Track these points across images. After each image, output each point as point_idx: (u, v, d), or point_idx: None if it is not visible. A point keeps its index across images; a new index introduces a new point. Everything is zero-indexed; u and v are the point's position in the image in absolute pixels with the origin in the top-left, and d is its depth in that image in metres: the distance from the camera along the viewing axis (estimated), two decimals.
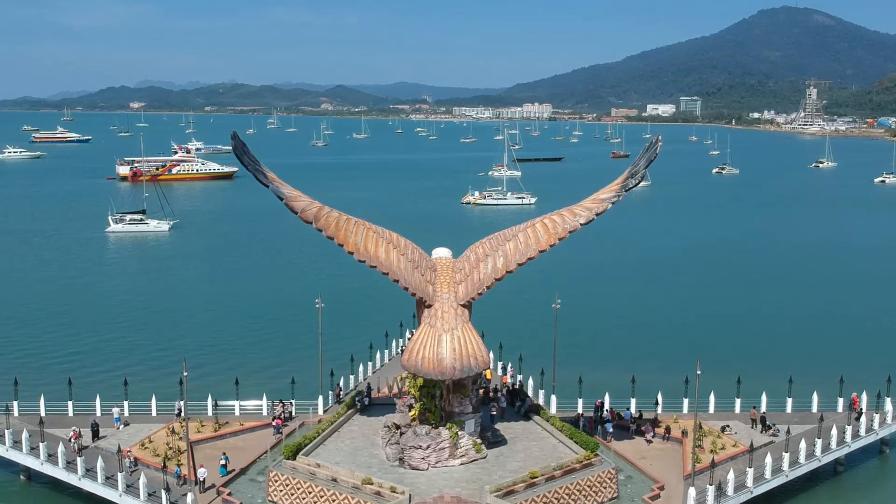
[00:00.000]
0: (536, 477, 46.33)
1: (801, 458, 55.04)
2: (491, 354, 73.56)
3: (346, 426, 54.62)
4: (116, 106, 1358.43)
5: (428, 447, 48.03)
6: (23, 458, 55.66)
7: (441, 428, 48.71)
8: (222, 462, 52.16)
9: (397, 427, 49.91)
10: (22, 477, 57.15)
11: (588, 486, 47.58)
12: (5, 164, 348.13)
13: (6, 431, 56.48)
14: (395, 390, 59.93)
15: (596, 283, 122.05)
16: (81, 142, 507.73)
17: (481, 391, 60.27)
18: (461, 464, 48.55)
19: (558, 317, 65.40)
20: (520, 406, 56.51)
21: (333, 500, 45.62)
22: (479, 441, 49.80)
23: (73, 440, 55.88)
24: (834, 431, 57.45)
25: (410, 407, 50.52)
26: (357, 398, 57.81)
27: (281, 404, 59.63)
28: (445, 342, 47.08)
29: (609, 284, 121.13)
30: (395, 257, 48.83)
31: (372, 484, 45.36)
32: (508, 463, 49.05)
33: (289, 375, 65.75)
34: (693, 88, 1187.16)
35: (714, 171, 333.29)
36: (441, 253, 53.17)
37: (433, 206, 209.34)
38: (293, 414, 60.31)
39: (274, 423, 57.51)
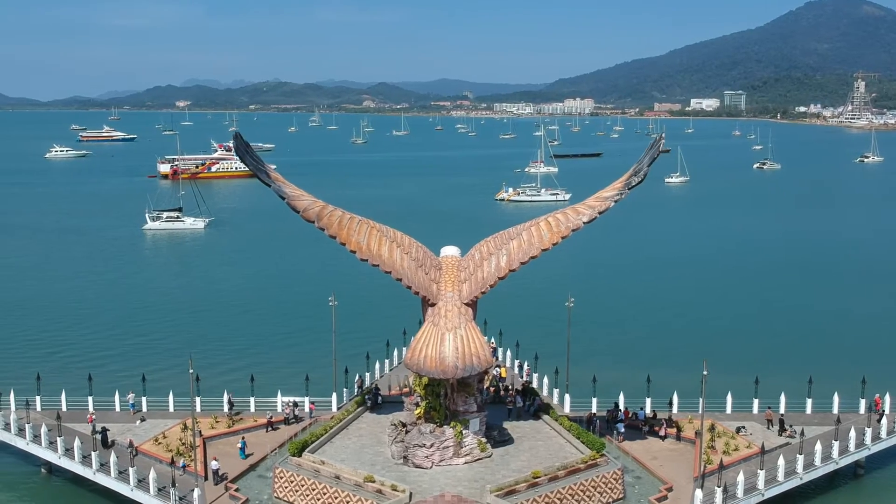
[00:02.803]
0: (539, 477, 46.09)
1: (817, 461, 53.92)
2: (508, 353, 73.97)
3: (356, 424, 54.87)
4: (163, 105, 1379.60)
5: (432, 446, 48.07)
6: (42, 452, 56.87)
7: (445, 427, 48.69)
8: (239, 446, 53.92)
9: (403, 425, 50.02)
10: (43, 470, 58.36)
11: (592, 487, 47.21)
12: (52, 163, 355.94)
13: (27, 426, 57.79)
14: (407, 388, 60.27)
15: (619, 280, 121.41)
16: (127, 140, 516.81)
17: (492, 389, 60.39)
18: (465, 463, 48.48)
19: (577, 315, 65.03)
20: (529, 405, 56.24)
21: (336, 498, 45.88)
22: (484, 440, 49.67)
23: (90, 422, 57.96)
24: (852, 434, 56.20)
25: (417, 405, 50.67)
26: (368, 396, 58.06)
27: (293, 406, 59.97)
28: (448, 341, 47.03)
29: (632, 282, 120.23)
30: (399, 256, 48.93)
31: (374, 482, 45.54)
32: (513, 462, 48.85)
33: (305, 372, 66.21)
34: (738, 82, 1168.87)
35: (755, 166, 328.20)
36: (449, 251, 53.09)
37: (466, 203, 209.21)
38: (302, 413, 60.50)
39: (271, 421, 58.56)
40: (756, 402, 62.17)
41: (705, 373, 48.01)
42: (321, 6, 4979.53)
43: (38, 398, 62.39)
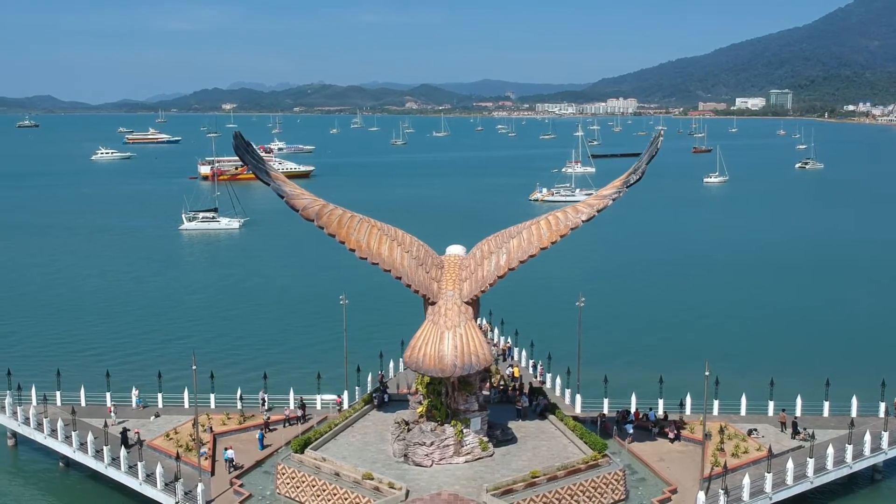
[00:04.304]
0: (538, 476, 45.85)
1: (829, 465, 52.86)
2: (524, 353, 73.73)
3: (361, 421, 55.10)
4: (209, 108, 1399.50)
5: (432, 444, 48.07)
6: (58, 446, 58.14)
7: (446, 425, 48.70)
8: (257, 437, 55.60)
9: (406, 423, 50.13)
10: (61, 464, 59.48)
11: (593, 488, 46.84)
12: (97, 165, 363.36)
13: (44, 420, 59.16)
14: (414, 388, 60.42)
15: (643, 279, 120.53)
16: (171, 142, 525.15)
17: (501, 388, 60.29)
18: (466, 461, 48.41)
19: (598, 316, 64.52)
20: (535, 405, 55.98)
21: (335, 494, 46.19)
22: (485, 439, 49.55)
23: (110, 412, 60.28)
24: (868, 437, 54.98)
25: (420, 403, 50.77)
26: (375, 394, 58.37)
27: (301, 406, 60.57)
28: (447, 340, 46.98)
29: (655, 281, 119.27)
30: (399, 254, 49.00)
31: (372, 479, 45.74)
32: (514, 462, 48.62)
33: (324, 372, 66.85)
34: (785, 81, 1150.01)
35: (797, 165, 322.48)
36: (454, 250, 53.04)
37: (499, 204, 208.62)
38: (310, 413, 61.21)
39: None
40: (771, 404, 61.21)
41: (707, 373, 47.45)
42: (364, 9, 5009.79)
43: (57, 393, 63.78)
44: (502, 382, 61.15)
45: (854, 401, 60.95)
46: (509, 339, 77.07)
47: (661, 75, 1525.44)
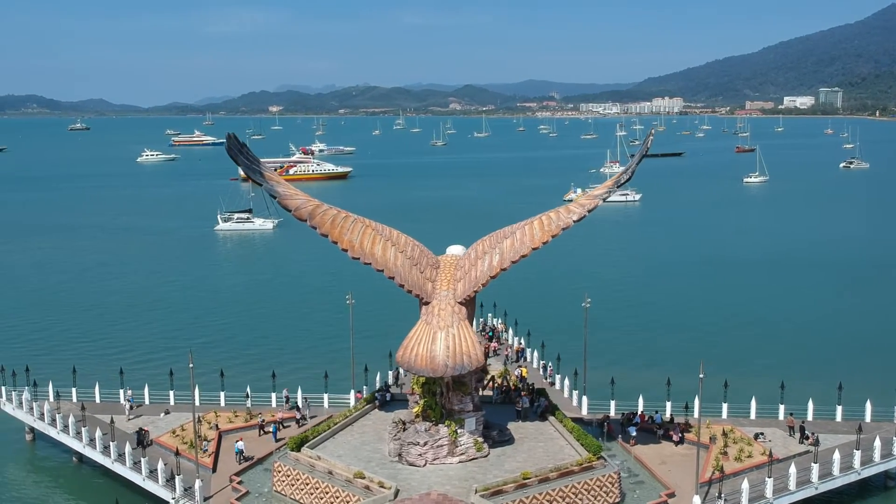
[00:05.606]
0: (529, 478, 45.61)
1: (836, 470, 51.75)
2: (535, 354, 73.37)
3: (361, 421, 55.38)
4: (257, 110, 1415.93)
5: (426, 444, 48.13)
6: (70, 442, 59.48)
7: (440, 425, 48.72)
8: (270, 430, 56.91)
9: (403, 423, 50.28)
10: (74, 459, 60.88)
11: (586, 490, 46.45)
12: (142, 167, 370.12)
13: (57, 416, 60.55)
14: (410, 388, 60.57)
15: (661, 281, 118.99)
16: (216, 144, 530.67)
17: (504, 387, 60.14)
18: (459, 462, 48.36)
19: (613, 316, 63.82)
20: (536, 406, 55.69)
21: (327, 493, 46.52)
22: (480, 440, 49.43)
23: (128, 406, 62.06)
24: (878, 443, 53.65)
25: (417, 403, 50.88)
26: (378, 394, 58.63)
27: (297, 408, 61.16)
28: (440, 340, 46.99)
29: (672, 283, 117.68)
30: (393, 254, 49.11)
31: (363, 478, 45.97)
32: (508, 463, 48.43)
33: (332, 369, 67.42)
34: (835, 79, 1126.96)
35: (841, 165, 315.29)
36: (454, 250, 53.09)
37: (533, 204, 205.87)
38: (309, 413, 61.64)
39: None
40: (782, 407, 60.12)
41: (702, 375, 46.71)
42: (409, 10, 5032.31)
43: (73, 390, 65.31)
44: (505, 383, 60.90)
45: (868, 405, 59.69)
46: (522, 341, 76.81)
47: (707, 74, 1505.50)
